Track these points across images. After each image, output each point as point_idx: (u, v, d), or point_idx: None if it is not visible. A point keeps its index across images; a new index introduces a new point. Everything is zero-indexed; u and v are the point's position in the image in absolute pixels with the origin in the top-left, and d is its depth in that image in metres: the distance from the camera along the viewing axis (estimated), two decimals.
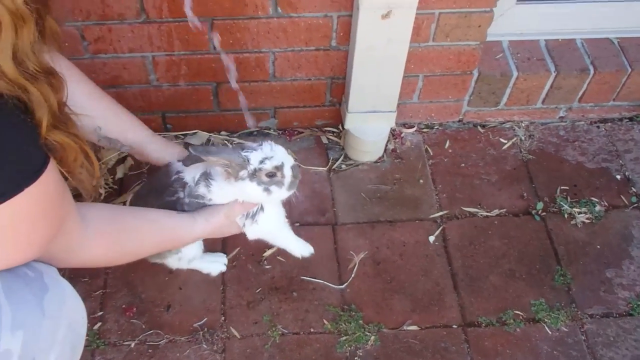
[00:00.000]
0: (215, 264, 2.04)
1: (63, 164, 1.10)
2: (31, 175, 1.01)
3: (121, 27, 1.96)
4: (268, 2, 1.95)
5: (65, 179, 1.16)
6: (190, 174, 1.67)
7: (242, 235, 1.80)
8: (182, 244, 1.77)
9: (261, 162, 1.57)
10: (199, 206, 1.69)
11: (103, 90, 1.77)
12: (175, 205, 1.69)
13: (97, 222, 1.37)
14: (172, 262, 1.93)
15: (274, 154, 1.59)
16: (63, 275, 1.91)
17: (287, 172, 1.61)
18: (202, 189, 1.67)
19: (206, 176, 1.66)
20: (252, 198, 1.66)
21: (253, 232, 1.78)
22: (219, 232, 1.75)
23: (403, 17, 1.92)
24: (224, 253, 2.08)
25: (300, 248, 1.93)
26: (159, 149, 1.82)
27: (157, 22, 1.96)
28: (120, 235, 1.47)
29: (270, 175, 1.58)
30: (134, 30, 1.98)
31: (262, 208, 1.73)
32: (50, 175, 1.05)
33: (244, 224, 1.75)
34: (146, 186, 1.88)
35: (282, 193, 1.63)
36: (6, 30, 0.90)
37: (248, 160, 1.57)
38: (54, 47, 1.20)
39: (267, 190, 1.60)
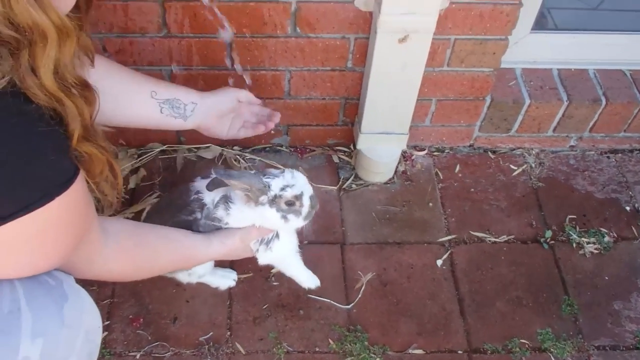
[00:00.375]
0: (225, 279, 2.05)
1: (89, 175, 1.11)
2: (62, 184, 1.02)
3: (142, 41, 1.99)
4: (287, 22, 1.97)
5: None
6: (210, 195, 1.69)
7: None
8: (196, 264, 1.80)
9: (282, 189, 1.59)
10: (214, 229, 1.71)
11: None
12: (190, 225, 1.70)
13: (117, 236, 1.39)
14: (182, 277, 1.94)
15: (295, 182, 1.61)
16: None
17: (306, 201, 1.63)
18: (220, 212, 1.68)
19: (226, 199, 1.67)
20: (269, 224, 1.68)
21: (265, 258, 1.80)
22: (233, 255, 1.77)
23: (419, 41, 1.94)
24: (233, 269, 2.08)
25: (308, 279, 1.97)
26: (215, 99, 1.81)
27: (178, 37, 1.99)
28: (138, 250, 1.49)
29: (289, 203, 1.61)
30: (155, 44, 2.00)
31: (277, 235, 1.75)
32: (79, 186, 1.07)
33: (258, 249, 1.76)
34: (164, 201, 1.89)
35: (298, 222, 1.66)
36: (51, 44, 0.91)
37: (269, 187, 1.59)
38: (87, 61, 1.22)
39: (284, 217, 1.62)
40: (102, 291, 2.01)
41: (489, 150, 2.50)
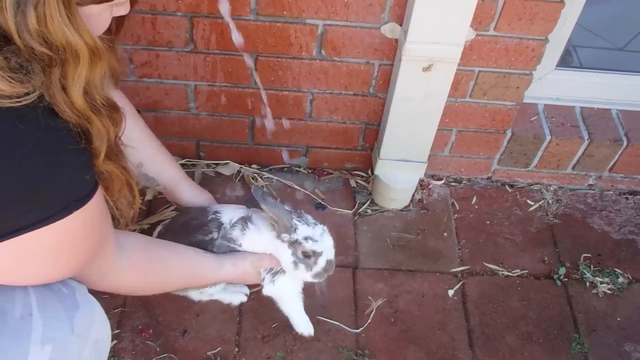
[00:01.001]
0: (237, 295, 2.06)
1: (108, 192, 1.14)
2: (82, 199, 1.04)
3: (168, 54, 2.01)
4: (313, 44, 1.99)
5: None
6: (228, 215, 1.73)
7: None
8: (206, 284, 1.83)
9: (305, 238, 1.63)
10: (227, 250, 1.74)
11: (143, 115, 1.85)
12: (206, 245, 1.73)
13: (131, 250, 1.41)
14: (194, 295, 1.96)
15: (320, 239, 1.65)
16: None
17: (321, 261, 1.68)
18: (235, 233, 1.72)
19: (245, 220, 1.71)
20: (280, 260, 1.73)
21: (268, 290, 1.85)
22: (242, 279, 1.81)
23: (444, 71, 1.95)
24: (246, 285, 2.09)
25: (303, 325, 1.97)
26: (190, 193, 1.92)
27: (204, 53, 2.01)
28: (151, 266, 1.51)
29: (306, 255, 1.65)
30: (180, 59, 2.03)
31: (284, 271, 1.78)
32: (97, 201, 1.09)
33: (264, 278, 1.81)
34: (180, 219, 1.90)
35: (305, 276, 1.71)
36: (83, 64, 0.94)
37: (295, 229, 1.63)
38: (112, 83, 1.24)
39: (295, 263, 1.68)
40: (114, 300, 2.01)
41: (506, 183, 2.50)
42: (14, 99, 0.89)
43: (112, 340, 1.92)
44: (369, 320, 2.06)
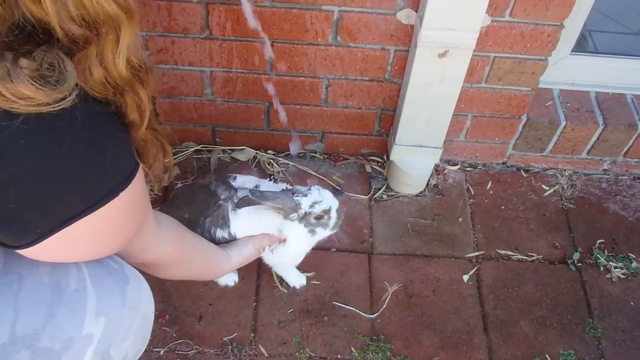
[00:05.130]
0: (231, 276, 2.11)
1: (144, 160, 1.13)
2: (125, 180, 1.04)
3: (184, 41, 2.02)
4: (328, 30, 1.99)
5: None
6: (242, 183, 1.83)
7: None
8: (219, 274, 1.90)
9: (311, 206, 1.71)
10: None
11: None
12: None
13: (167, 225, 1.44)
14: None
15: (322, 198, 1.73)
16: None
17: (333, 214, 1.76)
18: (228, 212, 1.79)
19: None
20: (293, 237, 1.80)
21: (267, 259, 1.92)
22: (247, 262, 1.85)
23: (459, 57, 1.95)
24: (259, 272, 2.11)
25: (296, 279, 2.10)
26: None
27: (219, 40, 2.02)
28: (183, 241, 1.54)
29: (318, 217, 1.73)
30: (196, 45, 2.03)
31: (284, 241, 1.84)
32: (139, 179, 1.09)
33: (263, 249, 1.87)
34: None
35: (325, 233, 1.80)
36: (124, 33, 0.91)
37: (299, 205, 1.70)
38: None
39: (312, 231, 1.77)
40: None
41: (521, 168, 2.50)
42: (51, 105, 0.88)
43: None
44: (384, 306, 2.07)
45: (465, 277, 2.16)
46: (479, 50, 2.01)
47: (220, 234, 1.79)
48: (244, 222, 1.78)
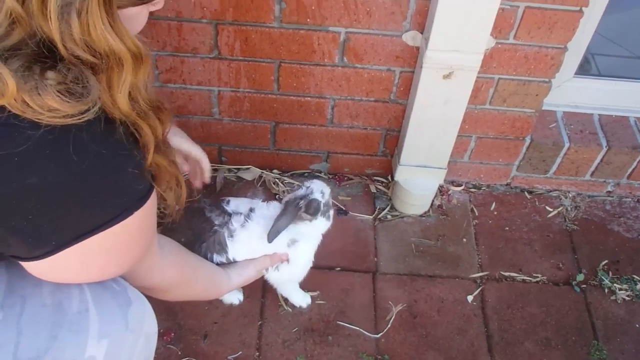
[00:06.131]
0: (235, 295, 2.10)
1: (157, 183, 1.15)
2: (139, 200, 1.07)
3: (193, 61, 2.04)
4: (335, 51, 2.01)
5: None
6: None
7: None
8: (219, 294, 1.88)
9: (322, 195, 1.74)
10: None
11: None
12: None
13: (169, 249, 1.45)
14: None
15: (320, 186, 1.76)
16: None
17: (331, 212, 1.82)
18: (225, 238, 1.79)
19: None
20: (318, 231, 1.83)
21: (274, 278, 1.94)
22: (248, 282, 1.86)
23: (464, 79, 1.97)
24: (264, 291, 2.11)
25: (301, 299, 2.10)
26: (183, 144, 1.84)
27: (228, 59, 2.04)
28: (186, 265, 1.56)
29: (327, 204, 1.77)
30: (205, 65, 2.06)
31: (287, 260, 1.85)
32: (153, 200, 1.11)
33: (267, 270, 1.88)
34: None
35: (329, 224, 1.83)
36: (127, 70, 0.95)
37: (320, 200, 1.73)
38: None
39: (328, 217, 1.80)
40: None
41: (525, 190, 2.51)
42: (75, 117, 0.90)
43: None
44: (389, 325, 2.07)
45: (470, 298, 2.17)
46: (484, 72, 2.03)
47: (217, 259, 1.80)
48: (243, 247, 1.79)
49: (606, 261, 2.31)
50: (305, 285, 2.06)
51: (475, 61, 1.92)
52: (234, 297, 2.09)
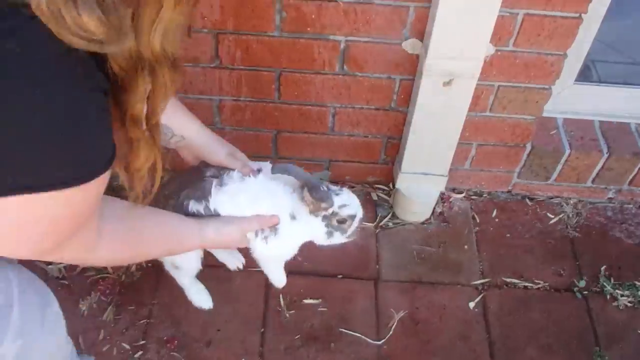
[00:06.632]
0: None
1: (131, 159, 1.01)
2: (93, 171, 0.92)
3: (194, 70, 2.06)
4: (336, 60, 2.03)
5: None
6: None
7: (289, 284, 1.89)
8: (186, 250, 1.65)
9: (340, 207, 1.59)
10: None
11: None
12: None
13: (110, 219, 1.22)
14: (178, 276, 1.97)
15: (350, 202, 1.61)
16: (109, 303, 1.98)
17: (355, 223, 1.64)
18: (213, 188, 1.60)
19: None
20: (311, 234, 1.66)
21: (261, 251, 1.71)
22: (225, 245, 1.67)
23: (463, 86, 1.98)
24: (266, 298, 2.12)
25: (278, 280, 1.92)
26: (213, 145, 1.68)
27: (229, 69, 2.05)
28: (129, 235, 1.32)
29: (341, 221, 1.61)
30: (206, 74, 2.07)
31: (275, 231, 1.65)
32: (108, 174, 0.95)
33: (255, 238, 1.66)
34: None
35: (341, 239, 1.66)
36: (168, 5, 0.84)
37: (332, 203, 1.58)
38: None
39: (330, 233, 1.63)
40: (140, 311, 2.06)
41: (526, 197, 2.52)
42: (99, 45, 0.78)
43: (138, 351, 1.97)
44: (391, 332, 2.08)
45: (472, 304, 2.17)
46: (484, 79, 2.04)
47: (194, 207, 1.60)
48: (227, 200, 1.60)
49: (608, 267, 2.32)
50: (307, 293, 2.07)
51: (475, 68, 1.93)
52: (205, 302, 2.07)
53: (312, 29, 1.95)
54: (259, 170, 1.64)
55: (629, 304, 2.22)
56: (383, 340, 2.06)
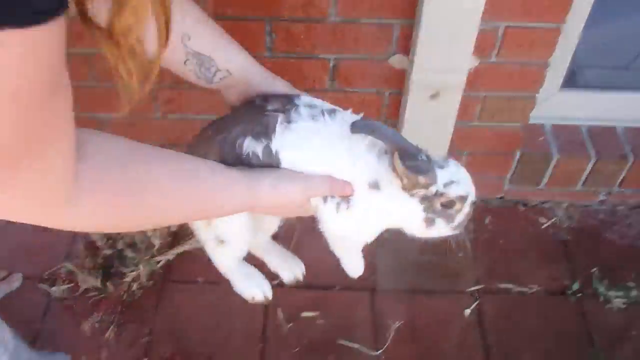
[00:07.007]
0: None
1: (113, 25, 0.68)
2: (25, 15, 0.54)
3: (190, 92, 2.11)
4: (325, 76, 2.08)
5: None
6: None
7: (285, 292, 1.93)
8: (227, 211, 1.12)
9: (446, 185, 1.11)
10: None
11: None
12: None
13: (95, 161, 0.80)
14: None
15: (459, 179, 1.13)
16: (111, 322, 2.01)
17: (467, 207, 1.16)
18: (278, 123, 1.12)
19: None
20: (403, 218, 1.19)
21: (335, 225, 1.19)
22: (281, 208, 1.15)
23: (450, 98, 2.03)
24: (266, 312, 2.16)
25: (355, 269, 1.41)
26: (264, 81, 1.27)
27: None
28: (124, 182, 0.86)
29: (447, 205, 1.13)
30: (203, 95, 2.11)
31: (349, 202, 1.14)
32: (54, 35, 0.58)
33: (325, 207, 1.17)
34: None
35: (444, 231, 1.18)
36: None
37: (435, 180, 1.10)
38: None
39: (429, 221, 1.15)
40: (141, 329, 2.10)
41: (519, 202, 2.56)
42: None
43: None
44: (389, 342, 2.12)
45: (467, 311, 2.21)
46: (470, 90, 2.08)
47: (250, 146, 1.12)
48: (297, 142, 1.11)
49: (601, 270, 2.35)
50: (305, 307, 2.10)
51: (460, 81, 1.98)
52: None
53: (301, 49, 1.99)
54: (333, 111, 1.19)
55: (622, 306, 2.25)
56: (381, 350, 2.09)
